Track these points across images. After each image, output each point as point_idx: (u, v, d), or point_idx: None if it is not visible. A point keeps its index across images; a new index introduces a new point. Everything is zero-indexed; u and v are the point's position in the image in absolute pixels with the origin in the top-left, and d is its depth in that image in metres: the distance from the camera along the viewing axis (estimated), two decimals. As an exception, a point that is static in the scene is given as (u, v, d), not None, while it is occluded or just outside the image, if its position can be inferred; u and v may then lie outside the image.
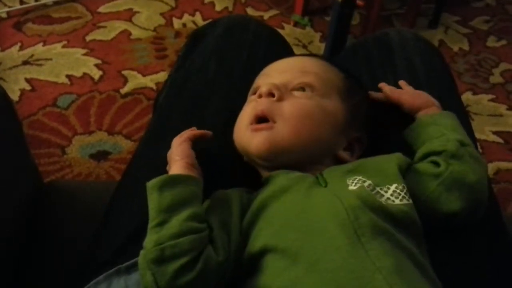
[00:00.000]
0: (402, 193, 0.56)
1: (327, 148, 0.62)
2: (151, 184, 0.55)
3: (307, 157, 0.60)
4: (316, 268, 0.49)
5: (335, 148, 0.62)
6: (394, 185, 0.56)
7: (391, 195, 0.55)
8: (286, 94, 0.61)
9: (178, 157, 0.59)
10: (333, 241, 0.50)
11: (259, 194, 0.58)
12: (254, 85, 0.67)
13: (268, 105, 0.60)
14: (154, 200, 0.54)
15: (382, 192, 0.56)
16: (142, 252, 0.52)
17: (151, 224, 0.53)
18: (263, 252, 0.52)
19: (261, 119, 0.60)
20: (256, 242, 0.53)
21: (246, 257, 0.54)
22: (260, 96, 0.61)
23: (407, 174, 0.59)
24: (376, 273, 0.48)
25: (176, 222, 0.52)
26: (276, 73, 0.65)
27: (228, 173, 0.66)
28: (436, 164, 0.60)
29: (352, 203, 0.53)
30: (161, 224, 0.52)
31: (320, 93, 0.62)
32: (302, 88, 0.62)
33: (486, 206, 0.60)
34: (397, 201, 0.55)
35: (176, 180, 0.55)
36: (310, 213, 0.53)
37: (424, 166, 0.61)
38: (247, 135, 0.61)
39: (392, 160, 0.59)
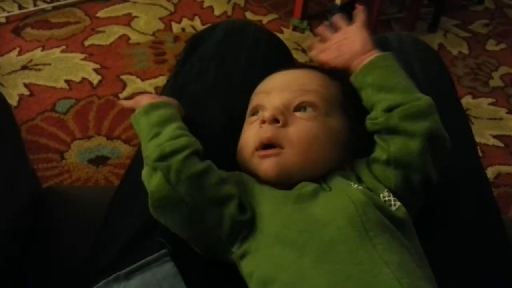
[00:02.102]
0: (392, 198, 0.57)
1: (335, 164, 0.62)
2: (136, 113, 0.63)
3: (315, 175, 0.60)
4: (324, 259, 0.50)
5: (341, 163, 0.62)
6: (381, 195, 0.57)
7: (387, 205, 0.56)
8: (290, 117, 0.61)
9: (146, 97, 0.65)
10: (340, 232, 0.51)
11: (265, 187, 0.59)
12: (253, 104, 0.66)
13: (273, 132, 0.59)
14: (144, 122, 0.61)
15: None
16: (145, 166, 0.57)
17: (146, 139, 0.59)
18: (272, 242, 0.53)
19: (267, 145, 0.60)
20: (265, 230, 0.54)
21: (254, 243, 0.54)
22: (263, 121, 0.61)
23: (371, 169, 0.60)
24: (384, 267, 0.49)
25: (169, 129, 0.59)
26: (275, 92, 0.64)
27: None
28: (382, 142, 0.59)
29: (360, 198, 0.54)
30: (156, 135, 0.58)
31: (323, 112, 0.62)
32: (303, 108, 0.61)
33: (449, 145, 0.59)
34: (393, 208, 0.56)
35: (157, 105, 0.63)
36: (318, 209, 0.54)
37: (375, 156, 0.60)
38: (255, 162, 0.60)
39: (367, 171, 0.60)
